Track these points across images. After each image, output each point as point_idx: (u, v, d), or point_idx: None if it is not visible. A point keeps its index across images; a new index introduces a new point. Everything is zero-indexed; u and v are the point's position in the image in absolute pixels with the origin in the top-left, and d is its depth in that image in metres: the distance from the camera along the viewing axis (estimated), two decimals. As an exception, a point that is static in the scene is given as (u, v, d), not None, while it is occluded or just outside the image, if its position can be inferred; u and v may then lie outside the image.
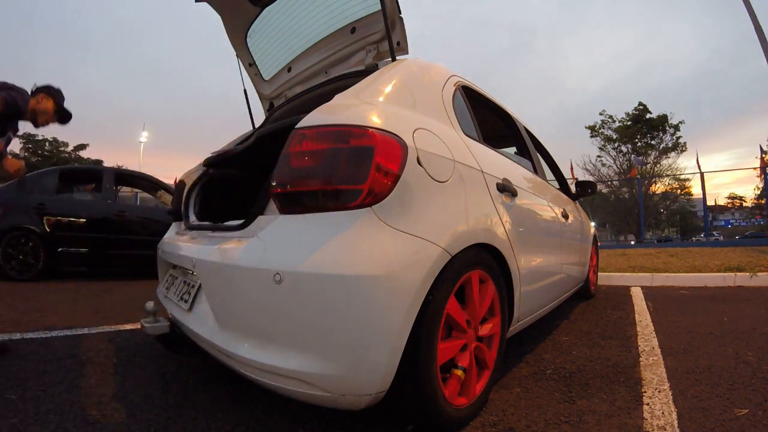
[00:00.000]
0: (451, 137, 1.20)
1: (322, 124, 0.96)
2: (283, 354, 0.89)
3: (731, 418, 1.10)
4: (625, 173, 21.77)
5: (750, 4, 7.45)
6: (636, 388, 1.33)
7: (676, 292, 3.37)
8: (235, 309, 1.00)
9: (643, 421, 1.11)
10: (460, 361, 1.08)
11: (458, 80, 1.50)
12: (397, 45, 1.42)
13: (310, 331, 0.87)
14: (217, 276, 1.04)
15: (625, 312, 2.62)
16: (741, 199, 27.65)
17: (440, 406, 0.99)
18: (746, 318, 2.30)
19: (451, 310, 1.03)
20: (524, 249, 1.47)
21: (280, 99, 1.97)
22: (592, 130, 23.69)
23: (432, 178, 1.03)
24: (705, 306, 2.73)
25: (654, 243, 13.87)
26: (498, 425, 1.11)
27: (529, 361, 1.67)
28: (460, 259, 1.05)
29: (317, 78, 1.79)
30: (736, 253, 5.80)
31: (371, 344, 0.86)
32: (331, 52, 1.69)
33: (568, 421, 1.13)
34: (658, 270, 4.25)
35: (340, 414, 1.17)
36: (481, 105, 1.84)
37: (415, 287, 0.90)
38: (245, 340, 0.96)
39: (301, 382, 0.88)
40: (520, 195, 1.51)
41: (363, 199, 0.87)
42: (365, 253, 0.86)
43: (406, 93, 1.20)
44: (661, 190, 22.27)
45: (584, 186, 2.87)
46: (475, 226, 1.14)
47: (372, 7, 1.48)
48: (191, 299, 1.19)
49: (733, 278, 3.64)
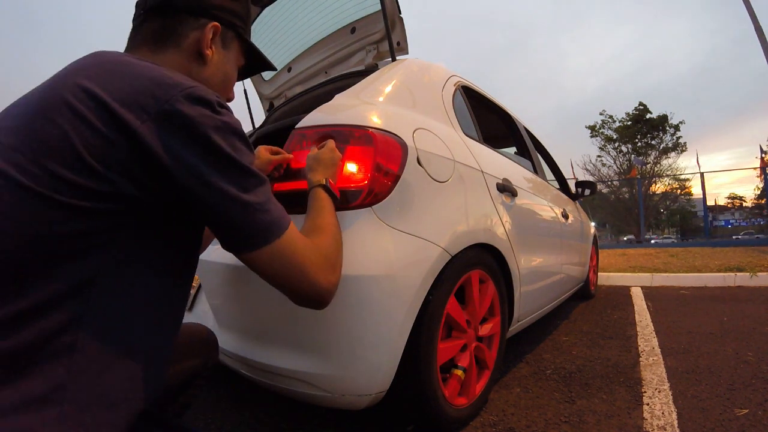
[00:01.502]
0: (451, 137, 1.20)
1: (322, 124, 0.96)
2: (283, 354, 0.89)
3: (731, 418, 1.10)
4: (625, 173, 21.78)
5: (750, 4, 7.45)
6: (636, 388, 1.33)
7: (676, 292, 3.37)
8: (235, 309, 1.00)
9: (643, 421, 1.11)
10: (460, 361, 1.08)
11: (458, 80, 1.50)
12: (397, 45, 1.42)
13: (310, 331, 0.87)
14: (217, 276, 1.04)
15: (625, 312, 2.62)
16: (741, 199, 27.65)
17: (440, 406, 0.99)
18: (746, 318, 2.30)
19: (451, 310, 1.03)
20: (524, 249, 1.47)
21: (280, 99, 1.97)
22: (592, 130, 23.70)
23: (432, 178, 1.03)
24: (705, 306, 2.73)
25: (651, 243, 13.86)
26: (498, 425, 1.11)
27: (529, 361, 1.67)
28: (460, 259, 1.05)
29: (317, 78, 1.79)
30: (736, 253, 5.80)
31: (371, 344, 0.86)
32: (331, 52, 1.69)
33: (568, 421, 1.13)
34: (658, 270, 4.24)
35: (340, 414, 1.17)
36: (481, 105, 1.84)
37: (415, 287, 0.90)
38: (245, 340, 0.96)
39: (301, 382, 0.88)
40: (520, 195, 1.51)
41: (363, 199, 0.87)
42: (365, 253, 0.86)
43: (406, 93, 1.20)
44: (661, 190, 22.28)
45: (584, 186, 2.87)
46: (475, 226, 1.14)
47: (372, 7, 1.48)
48: (191, 299, 1.19)
49: (733, 278, 3.64)
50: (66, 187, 0.44)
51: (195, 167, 0.49)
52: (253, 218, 0.53)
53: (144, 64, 0.52)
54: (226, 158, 0.51)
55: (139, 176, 0.47)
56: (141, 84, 0.48)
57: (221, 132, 0.51)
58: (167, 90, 0.48)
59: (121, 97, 0.47)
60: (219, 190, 0.50)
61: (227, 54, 0.68)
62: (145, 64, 0.52)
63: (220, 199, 0.50)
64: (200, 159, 0.49)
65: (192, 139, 0.49)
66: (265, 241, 0.54)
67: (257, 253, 0.54)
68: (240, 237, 0.54)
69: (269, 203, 0.55)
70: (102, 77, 0.48)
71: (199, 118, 0.49)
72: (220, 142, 0.50)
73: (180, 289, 0.58)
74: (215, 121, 0.50)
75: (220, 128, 0.51)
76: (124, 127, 0.46)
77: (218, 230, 0.54)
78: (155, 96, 0.48)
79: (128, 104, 0.47)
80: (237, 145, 0.52)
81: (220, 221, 0.53)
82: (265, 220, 0.54)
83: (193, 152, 0.49)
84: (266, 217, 0.54)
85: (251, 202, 0.52)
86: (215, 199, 0.50)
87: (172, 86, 0.49)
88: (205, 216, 0.53)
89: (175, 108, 0.48)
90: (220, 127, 0.51)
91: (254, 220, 0.53)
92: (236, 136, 0.53)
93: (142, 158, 0.47)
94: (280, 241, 0.55)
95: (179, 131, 0.48)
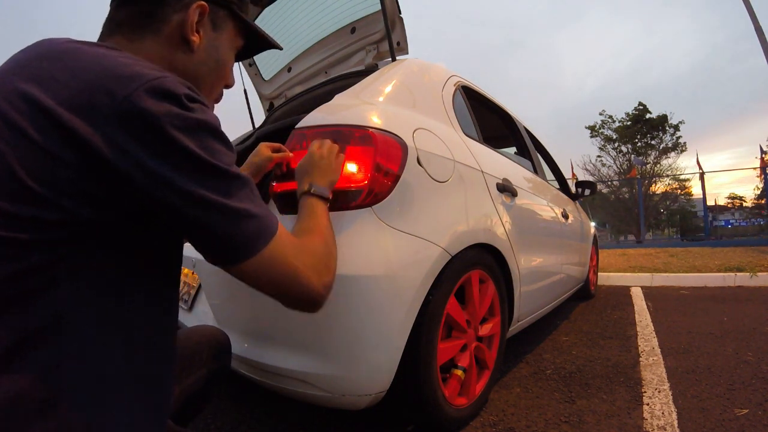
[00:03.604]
0: (451, 137, 1.20)
1: (322, 124, 0.96)
2: (283, 354, 0.89)
3: (731, 418, 1.10)
4: (625, 173, 21.77)
5: (749, 4, 7.45)
6: (636, 388, 1.33)
7: (676, 292, 3.37)
8: (235, 309, 1.00)
9: (643, 421, 1.11)
10: (460, 361, 1.08)
11: (458, 80, 1.50)
12: (397, 45, 1.42)
13: (310, 331, 0.87)
14: (217, 276, 1.04)
15: (625, 312, 2.62)
16: (741, 199, 27.63)
17: (440, 406, 0.99)
18: (746, 318, 2.30)
19: (451, 310, 1.03)
20: (524, 249, 1.47)
21: (280, 99, 1.97)
22: (592, 130, 23.69)
23: (432, 178, 1.03)
24: (705, 306, 2.73)
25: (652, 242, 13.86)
26: (498, 425, 1.11)
27: (529, 361, 1.67)
28: (460, 259, 1.05)
29: (317, 78, 1.79)
30: (736, 253, 5.80)
31: (371, 344, 0.86)
32: (331, 52, 1.69)
33: (568, 421, 1.13)
34: (658, 270, 4.24)
35: (340, 414, 1.17)
36: (481, 105, 1.84)
37: (415, 287, 0.90)
38: (245, 340, 0.96)
39: (301, 382, 0.88)
40: (520, 195, 1.51)
41: (363, 199, 0.87)
42: (365, 253, 0.86)
43: (406, 93, 1.20)
44: (661, 190, 22.27)
45: (584, 186, 2.87)
46: (475, 226, 1.14)
47: (372, 7, 1.48)
48: (191, 299, 1.19)
49: (733, 278, 3.63)
50: (3, 220, 0.37)
51: (165, 177, 0.41)
52: (238, 227, 0.47)
53: (96, 51, 0.44)
54: (201, 163, 0.43)
55: (97, 196, 0.40)
56: (91, 77, 0.40)
57: (193, 132, 0.43)
58: (125, 83, 0.40)
59: (69, 98, 0.39)
60: (198, 199, 0.43)
61: (219, 36, 0.59)
62: (97, 51, 0.44)
63: (200, 211, 0.44)
64: (171, 167, 0.41)
65: (159, 144, 0.41)
66: (254, 250, 0.49)
67: (245, 264, 0.49)
68: (225, 249, 0.48)
69: (255, 207, 0.49)
70: (44, 74, 0.41)
71: (164, 117, 0.41)
72: (192, 144, 0.43)
73: (167, 308, 0.53)
74: (185, 120, 0.42)
75: (191, 128, 0.43)
76: (72, 137, 0.38)
77: (200, 244, 0.48)
78: (110, 92, 0.39)
79: (76, 107, 0.39)
80: (213, 145, 0.45)
81: (201, 234, 0.46)
82: (252, 227, 0.48)
83: (161, 161, 0.41)
84: (253, 224, 0.48)
85: (236, 208, 0.46)
86: (195, 211, 0.44)
87: (131, 78, 0.41)
88: (183, 229, 0.47)
89: (135, 106, 0.39)
90: (191, 126, 0.43)
91: (240, 230, 0.47)
92: (211, 134, 0.45)
93: (98, 174, 0.39)
94: (268, 248, 0.50)
95: (142, 136, 0.40)
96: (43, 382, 0.38)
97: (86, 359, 0.41)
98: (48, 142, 0.38)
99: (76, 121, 0.38)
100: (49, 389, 0.38)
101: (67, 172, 0.38)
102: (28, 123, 0.38)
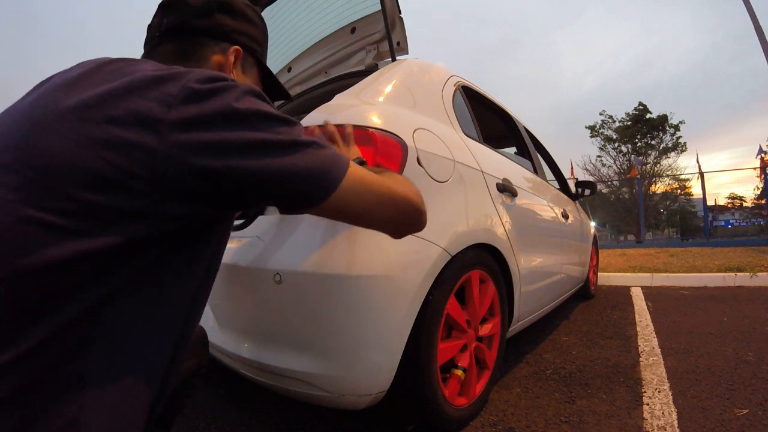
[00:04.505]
0: (451, 137, 1.20)
1: (322, 124, 0.96)
2: (283, 354, 0.89)
3: (731, 418, 1.10)
4: (625, 173, 21.77)
5: (749, 4, 7.45)
6: (636, 388, 1.33)
7: (676, 292, 3.37)
8: (235, 309, 1.00)
9: (643, 421, 1.11)
10: (460, 361, 1.08)
11: (458, 80, 1.50)
12: (397, 45, 1.42)
13: (310, 331, 0.87)
14: (217, 276, 1.04)
15: (625, 312, 2.62)
16: (741, 199, 27.62)
17: (440, 406, 0.99)
18: (746, 318, 2.30)
19: (451, 310, 1.03)
20: (524, 249, 1.47)
21: (280, 99, 1.97)
22: (592, 130, 23.69)
23: (432, 178, 1.03)
24: (705, 306, 2.73)
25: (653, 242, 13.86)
26: (498, 425, 1.11)
27: (529, 361, 1.67)
28: (460, 259, 1.05)
29: (317, 78, 1.79)
30: (736, 253, 5.79)
31: (371, 344, 0.86)
32: (331, 52, 1.69)
33: (568, 421, 1.13)
34: (658, 270, 4.24)
35: (340, 414, 1.17)
36: (481, 105, 1.84)
37: (414, 287, 0.90)
38: (245, 340, 0.96)
39: (301, 382, 0.88)
40: (520, 195, 1.51)
41: (363, 199, 0.87)
42: (365, 253, 0.86)
43: (406, 93, 1.20)
44: (661, 190, 22.27)
45: (584, 186, 2.87)
46: (475, 226, 1.14)
47: (372, 7, 1.48)
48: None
49: (733, 278, 3.63)
50: (85, 209, 0.38)
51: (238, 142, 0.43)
52: (317, 155, 0.47)
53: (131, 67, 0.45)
54: (261, 115, 0.45)
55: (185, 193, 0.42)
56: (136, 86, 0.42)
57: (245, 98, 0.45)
58: (174, 82, 0.42)
59: (119, 115, 0.40)
60: (267, 143, 0.44)
61: (246, 80, 0.63)
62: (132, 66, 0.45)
63: (274, 156, 0.44)
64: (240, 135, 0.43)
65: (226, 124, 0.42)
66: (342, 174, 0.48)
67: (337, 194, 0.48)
68: (313, 182, 0.47)
69: (319, 140, 0.50)
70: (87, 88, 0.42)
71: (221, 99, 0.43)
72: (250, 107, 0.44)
73: (199, 300, 0.54)
74: (236, 93, 0.44)
75: (242, 96, 0.45)
76: (140, 147, 0.39)
77: (285, 192, 0.47)
78: (158, 98, 0.41)
79: (129, 121, 0.40)
80: (266, 107, 0.47)
81: (283, 179, 0.45)
82: (329, 152, 0.49)
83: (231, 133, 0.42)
84: (328, 150, 0.49)
85: (306, 141, 0.47)
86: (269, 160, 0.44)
87: (178, 76, 0.43)
88: (262, 188, 0.45)
89: (189, 100, 0.41)
90: (241, 96, 0.45)
91: (320, 156, 0.47)
92: (262, 98, 0.47)
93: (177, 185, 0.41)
94: (352, 170, 0.50)
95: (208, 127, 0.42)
96: (81, 357, 0.39)
97: (119, 342, 0.42)
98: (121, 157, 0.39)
99: (133, 133, 0.40)
100: (84, 367, 0.39)
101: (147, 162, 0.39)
102: None
